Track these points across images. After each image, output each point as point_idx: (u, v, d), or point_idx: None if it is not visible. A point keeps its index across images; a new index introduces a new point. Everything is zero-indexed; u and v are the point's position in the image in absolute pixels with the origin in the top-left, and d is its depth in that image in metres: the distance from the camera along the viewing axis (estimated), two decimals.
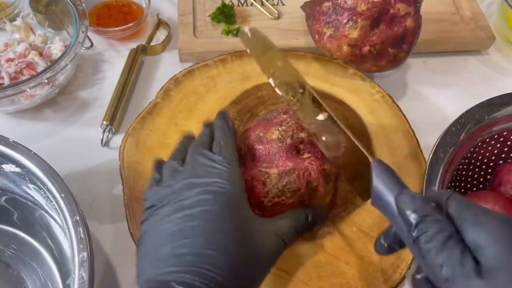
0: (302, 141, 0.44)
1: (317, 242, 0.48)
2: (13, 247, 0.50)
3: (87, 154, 0.57)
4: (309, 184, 0.43)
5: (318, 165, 0.43)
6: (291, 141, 0.44)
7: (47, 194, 0.44)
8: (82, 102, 0.63)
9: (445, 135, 0.48)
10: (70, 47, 0.57)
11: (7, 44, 0.62)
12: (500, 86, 0.67)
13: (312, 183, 0.43)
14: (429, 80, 0.67)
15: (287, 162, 0.42)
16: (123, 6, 0.71)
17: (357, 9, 0.55)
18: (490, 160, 0.55)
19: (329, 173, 0.44)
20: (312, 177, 0.43)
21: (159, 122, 0.55)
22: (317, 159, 0.43)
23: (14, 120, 0.61)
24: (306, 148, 0.44)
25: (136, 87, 0.65)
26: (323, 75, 0.61)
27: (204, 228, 0.33)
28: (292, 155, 0.43)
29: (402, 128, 0.56)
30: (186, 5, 0.69)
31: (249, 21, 0.69)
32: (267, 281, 0.45)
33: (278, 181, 0.42)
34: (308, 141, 0.44)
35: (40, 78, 0.55)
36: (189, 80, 0.59)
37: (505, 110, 0.50)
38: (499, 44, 0.71)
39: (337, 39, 0.57)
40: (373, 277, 0.46)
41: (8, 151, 0.45)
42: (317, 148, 0.43)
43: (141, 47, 0.67)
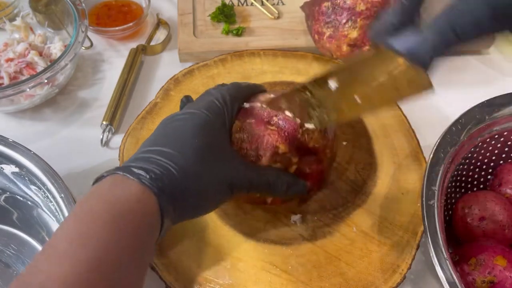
0: (276, 116, 0.44)
1: (317, 242, 0.48)
2: (13, 247, 0.50)
3: (87, 154, 0.57)
4: (254, 149, 0.43)
5: (275, 140, 0.43)
6: (269, 112, 0.44)
7: (46, 194, 0.44)
8: (81, 102, 0.63)
9: (445, 135, 0.48)
10: (69, 47, 0.57)
11: (7, 44, 0.62)
12: (500, 86, 0.67)
13: (258, 149, 0.43)
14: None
15: (253, 123, 0.44)
16: (123, 6, 0.71)
17: (356, 8, 0.55)
18: (490, 160, 0.55)
19: (281, 154, 0.44)
20: (263, 146, 0.43)
21: (159, 122, 0.55)
22: (278, 135, 0.43)
23: (14, 120, 0.61)
24: (277, 123, 0.44)
25: (136, 87, 0.65)
26: None
27: (172, 135, 0.38)
28: (262, 121, 0.44)
29: (403, 128, 0.56)
30: (186, 5, 0.69)
31: (249, 21, 0.69)
32: (267, 280, 0.45)
33: (236, 132, 0.43)
34: (283, 118, 0.44)
35: (40, 78, 0.55)
36: (189, 80, 0.59)
37: (505, 110, 0.50)
38: (499, 44, 0.71)
39: (337, 39, 0.57)
40: (373, 277, 0.46)
41: (8, 151, 0.45)
42: (285, 130, 0.44)
43: (141, 47, 0.67)
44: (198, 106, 0.41)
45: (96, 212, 0.32)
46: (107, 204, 0.32)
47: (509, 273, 0.44)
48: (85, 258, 0.29)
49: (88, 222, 0.31)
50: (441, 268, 0.40)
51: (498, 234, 0.48)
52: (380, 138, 0.56)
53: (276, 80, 0.60)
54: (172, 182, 0.35)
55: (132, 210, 0.32)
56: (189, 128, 0.39)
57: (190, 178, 0.36)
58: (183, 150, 0.37)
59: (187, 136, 0.38)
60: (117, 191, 0.33)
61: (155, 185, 0.34)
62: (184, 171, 0.36)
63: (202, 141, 0.38)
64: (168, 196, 0.34)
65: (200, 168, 0.37)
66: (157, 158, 0.36)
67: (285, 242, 0.48)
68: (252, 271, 0.46)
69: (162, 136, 0.39)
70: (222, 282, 0.45)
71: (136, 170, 0.34)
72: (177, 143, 0.37)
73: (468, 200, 0.50)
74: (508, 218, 0.48)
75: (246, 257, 0.47)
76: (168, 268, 0.45)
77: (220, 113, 0.42)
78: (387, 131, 0.56)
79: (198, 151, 0.37)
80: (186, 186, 0.36)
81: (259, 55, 0.62)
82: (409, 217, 0.50)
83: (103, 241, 0.30)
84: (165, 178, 0.35)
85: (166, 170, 0.35)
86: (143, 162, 0.35)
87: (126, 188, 0.33)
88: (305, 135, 0.44)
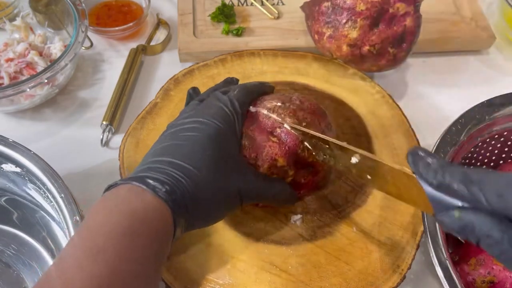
0: (280, 127, 0.45)
1: (317, 242, 0.48)
2: (13, 247, 0.50)
3: (87, 154, 0.57)
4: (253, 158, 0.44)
5: (274, 153, 0.44)
6: (273, 122, 0.44)
7: (47, 194, 0.44)
8: (81, 102, 0.63)
9: (445, 135, 0.48)
10: (69, 47, 0.57)
11: (7, 44, 0.62)
12: (500, 86, 0.67)
13: (257, 159, 0.43)
14: (429, 80, 0.67)
15: (256, 130, 0.44)
16: (123, 6, 0.71)
17: (356, 9, 0.55)
18: (490, 160, 0.55)
19: (279, 167, 0.44)
20: (262, 156, 0.43)
21: (159, 122, 0.55)
22: (279, 148, 0.44)
23: (14, 120, 0.61)
24: (280, 135, 0.44)
25: (136, 87, 0.65)
26: (323, 75, 0.61)
27: (184, 146, 0.39)
28: (265, 130, 0.44)
29: (403, 128, 0.56)
30: (186, 5, 0.69)
31: (249, 21, 0.69)
32: (267, 280, 0.45)
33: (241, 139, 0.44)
34: (286, 131, 0.44)
35: (40, 78, 0.55)
36: (189, 80, 0.59)
37: (505, 110, 0.50)
38: (499, 44, 0.71)
39: (337, 39, 0.57)
40: (373, 277, 0.46)
41: (8, 151, 0.45)
42: (286, 144, 0.44)
43: (141, 47, 0.67)
44: (208, 115, 0.41)
45: (110, 224, 0.32)
46: (122, 216, 0.32)
47: (509, 273, 0.44)
48: (98, 273, 0.29)
49: (101, 235, 0.31)
50: (441, 268, 0.40)
51: None
52: (380, 138, 0.56)
53: (276, 80, 0.60)
54: (185, 195, 0.35)
55: (147, 221, 0.33)
56: (200, 139, 0.39)
57: (201, 190, 0.37)
58: (195, 163, 0.37)
59: (199, 148, 0.38)
60: (133, 203, 0.33)
61: (170, 198, 0.34)
62: (196, 184, 0.36)
63: (214, 153, 0.38)
64: (181, 208, 0.35)
65: (212, 180, 0.37)
66: (170, 170, 0.36)
67: (285, 242, 0.48)
68: (252, 271, 0.46)
69: (174, 146, 0.39)
70: (222, 282, 0.45)
71: (152, 182, 0.34)
72: (189, 155, 0.38)
73: None
74: None
75: (246, 257, 0.47)
76: (168, 268, 0.45)
77: (230, 122, 0.42)
78: (387, 131, 0.56)
79: (210, 164, 0.38)
80: (198, 199, 0.36)
81: (259, 55, 0.62)
82: (409, 217, 0.50)
83: (117, 254, 0.30)
84: (178, 191, 0.35)
85: (179, 183, 0.35)
86: (157, 173, 0.36)
87: (142, 199, 0.33)
88: (305, 151, 0.45)
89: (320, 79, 0.60)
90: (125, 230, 0.31)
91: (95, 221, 0.32)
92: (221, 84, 0.50)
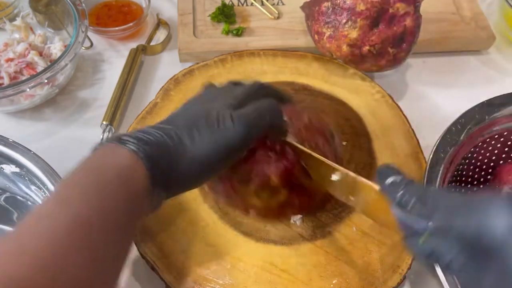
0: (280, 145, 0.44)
1: (317, 242, 0.48)
2: None
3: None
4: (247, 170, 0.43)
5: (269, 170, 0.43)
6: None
7: (47, 194, 0.44)
8: (81, 102, 0.63)
9: (445, 135, 0.48)
10: (69, 47, 0.57)
11: (7, 44, 0.62)
12: (500, 86, 0.67)
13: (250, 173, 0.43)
14: (429, 80, 0.67)
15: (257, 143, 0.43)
16: (123, 6, 0.71)
17: (356, 9, 0.55)
18: (490, 160, 0.55)
19: (271, 185, 0.43)
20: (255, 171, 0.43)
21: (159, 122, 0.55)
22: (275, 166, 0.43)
23: (14, 120, 0.61)
24: (279, 152, 0.43)
25: (136, 87, 0.65)
26: (323, 75, 0.61)
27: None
28: (265, 144, 0.43)
29: (403, 128, 0.56)
30: (186, 5, 0.69)
31: (249, 21, 0.69)
32: (268, 280, 0.45)
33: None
34: (285, 149, 0.43)
35: (40, 78, 0.55)
36: (189, 80, 0.59)
37: (505, 110, 0.50)
38: (499, 44, 0.71)
39: (337, 39, 0.57)
40: (373, 277, 0.46)
41: (8, 151, 0.45)
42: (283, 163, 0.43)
43: (141, 47, 0.67)
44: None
45: (88, 178, 0.31)
46: (99, 170, 0.32)
47: None
48: (64, 218, 0.28)
49: (72, 189, 0.31)
50: (441, 268, 0.40)
51: None
52: (380, 138, 0.56)
53: (276, 80, 0.60)
54: (162, 148, 0.34)
55: (121, 175, 0.32)
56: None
57: (180, 145, 0.35)
58: (173, 120, 0.37)
59: (181, 110, 0.39)
60: (106, 160, 0.33)
61: (142, 149, 0.33)
62: (172, 138, 0.35)
63: (192, 111, 0.38)
64: (158, 161, 0.34)
65: (190, 135, 0.36)
66: (149, 129, 0.36)
67: (285, 242, 0.48)
68: (252, 271, 0.46)
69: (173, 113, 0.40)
70: (222, 282, 0.45)
71: (124, 137, 0.34)
72: (170, 117, 0.38)
73: None
74: None
75: (246, 257, 0.47)
76: (168, 268, 0.46)
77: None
78: (387, 131, 0.56)
79: (188, 121, 0.37)
80: (177, 153, 0.35)
81: (259, 55, 0.62)
82: None
83: (86, 204, 0.29)
84: (153, 144, 0.34)
85: (155, 138, 0.35)
86: (135, 133, 0.35)
87: (115, 155, 0.33)
88: (302, 172, 0.44)
89: (320, 79, 0.60)
90: (97, 187, 0.31)
91: (66, 183, 0.32)
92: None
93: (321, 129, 0.47)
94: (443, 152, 0.47)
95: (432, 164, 0.46)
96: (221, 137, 0.36)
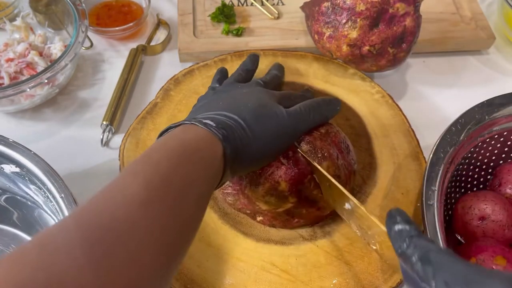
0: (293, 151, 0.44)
1: (317, 242, 0.48)
2: (13, 247, 0.50)
3: (87, 154, 0.57)
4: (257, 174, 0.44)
5: (278, 175, 0.43)
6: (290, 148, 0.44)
7: (47, 194, 0.44)
8: (82, 102, 0.63)
9: (445, 135, 0.48)
10: (70, 47, 0.57)
11: (7, 44, 0.62)
12: (500, 86, 0.67)
13: (260, 176, 0.43)
14: (429, 80, 0.67)
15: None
16: (123, 6, 0.71)
17: (356, 9, 0.55)
18: (490, 160, 0.55)
19: (279, 191, 0.44)
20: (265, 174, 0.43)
21: (159, 122, 0.55)
22: (285, 172, 0.43)
23: (14, 120, 0.61)
24: (291, 159, 0.44)
25: (136, 87, 0.65)
26: (323, 75, 0.61)
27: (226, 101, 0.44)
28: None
29: (402, 128, 0.56)
30: (186, 5, 0.69)
31: (249, 21, 0.69)
32: (268, 280, 0.45)
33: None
34: (298, 158, 0.44)
35: (40, 78, 0.55)
36: (189, 80, 0.59)
37: (505, 110, 0.50)
38: (499, 44, 0.71)
39: (337, 39, 0.57)
40: (373, 277, 0.46)
41: (8, 151, 0.45)
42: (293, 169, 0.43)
43: (141, 47, 0.67)
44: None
45: (165, 148, 0.34)
46: (176, 142, 0.35)
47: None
48: (158, 177, 0.31)
49: (156, 152, 0.34)
50: None
51: (498, 234, 0.48)
52: (380, 138, 0.56)
53: None
54: (234, 134, 0.39)
55: (201, 149, 0.35)
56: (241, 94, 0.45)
57: (249, 132, 0.40)
58: (239, 113, 0.41)
59: (240, 101, 0.43)
60: (188, 134, 0.37)
61: (220, 132, 0.37)
62: (242, 126, 0.40)
63: (253, 105, 0.42)
64: (231, 143, 0.38)
65: (256, 124, 0.40)
66: (220, 115, 0.40)
67: (285, 242, 0.48)
68: (252, 271, 0.46)
69: (215, 103, 0.44)
70: (222, 282, 0.45)
71: (204, 120, 0.38)
72: (231, 107, 0.42)
73: (468, 200, 0.50)
74: (508, 218, 0.48)
75: (246, 257, 0.47)
76: None
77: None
78: (387, 131, 0.56)
79: (250, 111, 0.41)
80: (246, 140, 0.39)
81: (259, 55, 0.62)
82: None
83: (170, 167, 0.32)
84: (228, 129, 0.38)
85: (229, 124, 0.39)
86: (212, 116, 0.40)
87: (195, 132, 0.37)
88: (311, 183, 0.44)
89: (320, 79, 0.60)
90: (179, 152, 0.34)
91: (150, 148, 0.35)
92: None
93: (337, 141, 0.47)
94: (443, 152, 0.47)
95: (432, 164, 0.46)
96: (280, 126, 0.42)
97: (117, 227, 0.27)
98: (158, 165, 0.32)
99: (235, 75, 0.53)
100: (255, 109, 0.41)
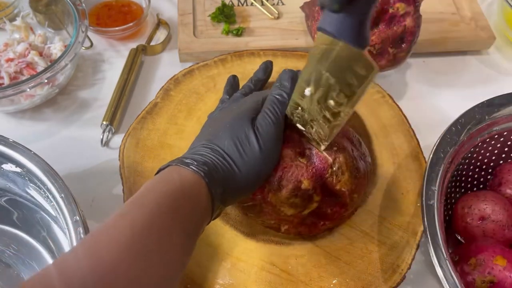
0: (310, 149, 0.44)
1: (317, 242, 0.48)
2: (13, 247, 0.50)
3: (87, 154, 0.57)
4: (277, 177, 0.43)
5: (300, 174, 0.43)
6: (305, 143, 0.44)
7: (47, 194, 0.44)
8: (82, 102, 0.63)
9: (445, 135, 0.48)
10: (70, 47, 0.57)
11: (7, 44, 0.62)
12: (500, 86, 0.67)
13: (282, 179, 0.42)
14: (429, 80, 0.67)
15: (286, 149, 0.43)
16: (123, 6, 0.71)
17: None
18: (490, 160, 0.55)
19: (303, 190, 0.43)
20: (287, 176, 0.42)
21: (159, 122, 0.55)
22: (305, 170, 0.43)
23: (14, 120, 0.61)
24: (309, 156, 0.43)
25: (136, 87, 0.65)
26: None
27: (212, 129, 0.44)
28: (294, 149, 0.43)
29: (402, 128, 0.56)
30: (186, 5, 0.69)
31: (249, 21, 0.69)
32: (268, 280, 0.45)
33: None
34: (316, 153, 0.43)
35: (40, 78, 0.55)
36: (189, 80, 0.59)
37: (505, 110, 0.50)
38: (499, 44, 0.71)
39: None
40: (373, 277, 0.46)
41: (8, 151, 0.45)
42: (314, 166, 0.43)
43: (141, 47, 0.67)
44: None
45: (156, 188, 0.36)
46: (165, 183, 0.37)
47: (508, 273, 0.44)
48: (141, 218, 0.33)
49: (151, 192, 0.36)
50: (441, 268, 0.40)
51: (498, 234, 0.48)
52: (380, 138, 0.56)
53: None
54: (217, 168, 0.39)
55: (185, 189, 0.37)
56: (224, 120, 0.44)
57: (229, 162, 0.40)
58: (218, 141, 0.41)
59: (221, 128, 0.43)
60: (174, 175, 0.38)
61: (201, 169, 0.38)
62: (224, 158, 0.40)
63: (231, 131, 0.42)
64: (215, 178, 0.38)
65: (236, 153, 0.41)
66: (206, 147, 0.41)
67: (285, 242, 0.48)
68: (252, 271, 0.46)
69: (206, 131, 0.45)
70: (222, 282, 0.45)
71: (185, 160, 0.39)
72: (214, 134, 0.42)
73: (468, 200, 0.50)
74: (508, 218, 0.48)
75: (246, 257, 0.47)
76: None
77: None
78: (387, 131, 0.56)
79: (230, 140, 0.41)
80: (230, 171, 0.40)
81: (259, 55, 0.62)
82: (409, 217, 0.50)
83: (158, 207, 0.34)
84: (209, 164, 0.39)
85: (211, 159, 0.40)
86: (193, 155, 0.40)
87: (180, 173, 0.38)
88: (334, 176, 0.43)
89: None
90: (167, 194, 0.36)
91: (140, 191, 0.37)
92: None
93: (348, 134, 0.47)
94: (443, 152, 0.47)
95: (432, 164, 0.46)
96: (255, 152, 0.41)
97: (100, 269, 0.29)
98: (143, 207, 0.34)
99: (245, 86, 0.52)
100: (233, 138, 0.41)
